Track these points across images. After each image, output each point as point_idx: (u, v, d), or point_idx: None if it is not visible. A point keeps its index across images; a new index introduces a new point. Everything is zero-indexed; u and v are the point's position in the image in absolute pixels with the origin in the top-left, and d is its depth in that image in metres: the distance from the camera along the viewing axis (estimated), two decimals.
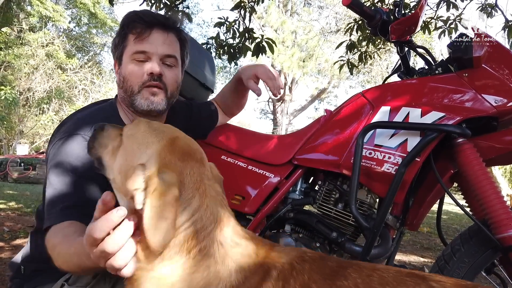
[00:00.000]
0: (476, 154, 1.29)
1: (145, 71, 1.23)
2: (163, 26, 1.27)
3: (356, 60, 4.69)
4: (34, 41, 14.74)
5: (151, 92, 1.25)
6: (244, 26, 3.97)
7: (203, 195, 0.75)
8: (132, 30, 1.24)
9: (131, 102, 1.26)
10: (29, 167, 10.00)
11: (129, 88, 1.25)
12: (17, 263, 1.22)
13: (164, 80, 1.27)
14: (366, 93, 1.50)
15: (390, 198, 1.30)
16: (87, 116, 1.21)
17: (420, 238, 4.81)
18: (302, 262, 0.75)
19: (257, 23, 15.03)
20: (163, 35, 1.26)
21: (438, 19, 4.20)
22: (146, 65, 1.24)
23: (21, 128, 16.04)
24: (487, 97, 1.29)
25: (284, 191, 1.54)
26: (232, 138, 1.71)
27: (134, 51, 1.23)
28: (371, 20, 1.50)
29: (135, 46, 1.23)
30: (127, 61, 1.25)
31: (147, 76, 1.24)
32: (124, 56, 1.26)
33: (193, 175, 0.75)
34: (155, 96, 1.26)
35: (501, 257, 1.32)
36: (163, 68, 1.26)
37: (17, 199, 5.69)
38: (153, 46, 1.24)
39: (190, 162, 0.77)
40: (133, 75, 1.24)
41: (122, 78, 1.27)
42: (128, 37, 1.25)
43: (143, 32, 1.23)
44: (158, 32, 1.25)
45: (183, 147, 0.79)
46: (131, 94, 1.25)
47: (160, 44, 1.25)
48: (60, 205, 1.03)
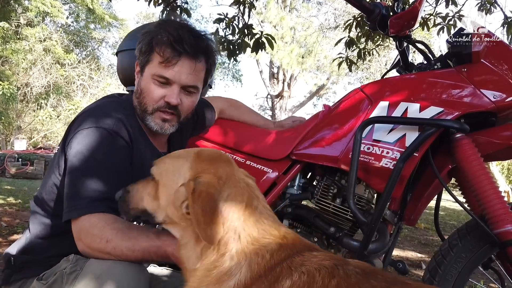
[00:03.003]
0: (474, 149, 1.29)
1: (163, 97, 1.21)
2: (193, 55, 1.20)
3: (355, 56, 4.68)
4: (31, 36, 14.68)
5: (163, 118, 1.24)
6: (243, 22, 3.95)
7: (238, 187, 0.83)
8: (160, 52, 1.18)
9: (142, 116, 1.25)
10: (27, 162, 9.98)
11: (144, 105, 1.24)
12: (9, 254, 1.23)
13: (179, 108, 1.25)
14: (365, 88, 1.50)
15: (388, 193, 1.29)
16: (108, 110, 1.19)
17: (418, 234, 4.83)
18: (329, 275, 0.67)
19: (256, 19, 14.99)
20: (191, 65, 1.20)
21: (437, 16, 4.18)
22: (165, 91, 1.21)
23: (19, 123, 16.00)
24: (485, 92, 1.29)
25: (282, 186, 1.54)
26: (230, 133, 1.70)
27: (156, 74, 1.20)
28: (370, 14, 1.50)
29: (159, 69, 1.19)
30: (148, 77, 1.22)
31: (163, 102, 1.22)
32: (146, 70, 1.22)
33: (225, 173, 0.84)
34: (166, 123, 1.25)
35: (498, 252, 1.32)
36: (181, 95, 1.23)
37: (15, 195, 5.68)
38: (177, 76, 1.19)
39: (220, 163, 0.86)
40: (150, 95, 1.22)
41: (139, 90, 1.25)
42: (153, 54, 1.20)
43: (171, 59, 1.17)
44: (186, 60, 1.19)
45: (209, 154, 0.90)
46: (144, 111, 1.24)
47: (185, 74, 1.20)
48: (87, 197, 1.05)
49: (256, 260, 0.73)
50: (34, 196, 1.27)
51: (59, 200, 1.17)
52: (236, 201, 0.80)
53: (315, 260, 0.71)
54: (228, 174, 0.84)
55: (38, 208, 1.23)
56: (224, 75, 21.21)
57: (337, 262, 0.70)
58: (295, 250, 0.75)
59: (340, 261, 0.71)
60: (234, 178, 0.84)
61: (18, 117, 15.98)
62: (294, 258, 0.72)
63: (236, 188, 0.82)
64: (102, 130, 1.12)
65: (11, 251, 1.24)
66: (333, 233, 1.42)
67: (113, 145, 1.13)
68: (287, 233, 0.80)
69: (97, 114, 1.17)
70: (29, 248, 1.21)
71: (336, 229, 1.42)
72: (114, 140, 1.13)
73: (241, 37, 3.95)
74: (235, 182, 0.83)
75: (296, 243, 0.77)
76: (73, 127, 1.17)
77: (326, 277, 0.66)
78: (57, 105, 16.99)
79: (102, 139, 1.11)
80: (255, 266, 0.72)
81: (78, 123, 1.15)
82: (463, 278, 1.32)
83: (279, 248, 0.74)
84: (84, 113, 1.20)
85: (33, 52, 14.89)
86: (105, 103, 1.26)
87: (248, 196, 0.82)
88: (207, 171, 0.82)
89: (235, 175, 0.85)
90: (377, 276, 0.68)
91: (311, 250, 0.76)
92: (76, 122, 1.17)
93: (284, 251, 0.74)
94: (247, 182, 0.87)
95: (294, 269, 0.69)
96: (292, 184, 1.58)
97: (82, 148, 1.10)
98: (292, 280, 0.67)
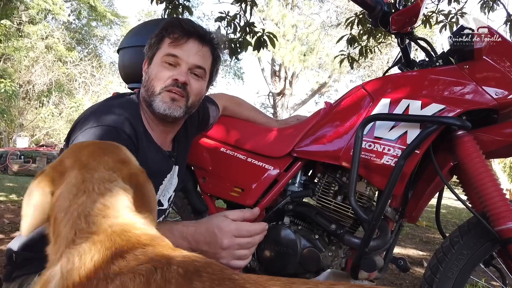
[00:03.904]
0: (476, 146, 1.29)
1: (171, 76, 1.24)
2: (200, 38, 1.27)
3: (357, 54, 4.67)
4: (33, 34, 14.69)
5: (171, 97, 1.24)
6: (245, 20, 3.94)
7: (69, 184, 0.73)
8: (170, 34, 1.25)
9: (150, 102, 1.25)
10: (29, 160, 10.01)
11: (151, 88, 1.25)
12: (11, 250, 1.23)
13: (187, 89, 1.26)
14: (366, 85, 1.49)
15: (389, 190, 1.29)
16: (113, 109, 1.20)
17: (419, 232, 4.82)
18: (144, 285, 0.57)
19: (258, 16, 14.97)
20: (198, 46, 1.27)
21: (439, 13, 4.17)
22: (173, 70, 1.24)
23: (21, 121, 16.03)
24: (487, 90, 1.28)
25: (283, 183, 1.55)
26: (232, 130, 1.70)
27: (166, 53, 1.24)
28: (371, 11, 1.49)
29: (168, 49, 1.25)
30: (157, 62, 1.26)
31: (172, 81, 1.23)
32: (156, 57, 1.27)
33: (76, 164, 0.74)
34: (174, 102, 1.24)
35: (500, 250, 1.32)
36: (189, 77, 1.26)
37: (17, 192, 5.70)
38: (185, 54, 1.24)
39: (82, 153, 0.77)
40: (159, 76, 1.24)
41: (147, 78, 1.27)
42: (164, 40, 1.26)
43: (180, 38, 1.24)
44: (194, 42, 1.26)
45: (87, 143, 0.83)
46: (152, 94, 1.25)
47: (193, 54, 1.26)
48: None
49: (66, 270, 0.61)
50: None
51: None
52: (62, 202, 0.70)
53: (133, 265, 0.59)
54: (79, 165, 0.74)
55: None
56: (226, 72, 21.20)
57: (157, 264, 0.59)
58: (116, 253, 0.61)
59: (161, 262, 0.60)
60: (76, 172, 0.73)
61: (20, 115, 16.02)
62: (114, 264, 0.60)
63: (68, 186, 0.71)
64: (107, 127, 1.12)
65: (13, 247, 1.24)
66: (334, 230, 1.42)
67: (117, 140, 1.14)
68: (115, 231, 0.65)
69: (102, 113, 1.17)
70: (31, 244, 1.22)
71: (337, 226, 1.43)
72: (118, 135, 1.13)
73: (242, 35, 3.94)
74: (73, 177, 0.72)
75: (117, 242, 0.63)
76: (78, 126, 1.17)
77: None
78: (59, 102, 17.02)
79: (106, 136, 1.11)
80: (64, 281, 0.60)
81: (83, 122, 1.16)
82: (465, 275, 1.32)
83: (97, 253, 0.61)
84: (90, 112, 1.20)
85: (35, 50, 14.90)
86: (110, 103, 1.27)
87: (75, 194, 0.70)
88: (59, 164, 0.76)
89: (87, 166, 0.74)
90: (202, 275, 0.59)
91: (142, 246, 0.63)
92: (81, 121, 1.17)
93: (102, 257, 0.61)
94: (86, 177, 0.72)
95: (110, 281, 0.57)
96: (293, 182, 1.58)
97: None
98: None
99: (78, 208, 0.67)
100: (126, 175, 0.76)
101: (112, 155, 0.79)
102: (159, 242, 0.66)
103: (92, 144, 0.82)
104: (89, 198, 0.69)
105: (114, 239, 0.63)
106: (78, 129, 1.14)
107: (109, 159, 0.77)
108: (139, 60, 1.49)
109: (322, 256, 1.44)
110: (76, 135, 1.13)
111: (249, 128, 1.70)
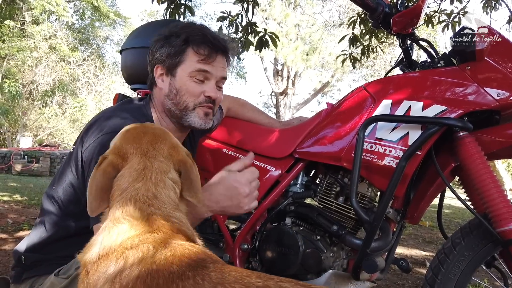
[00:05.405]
0: (478, 147, 1.28)
1: (203, 92, 1.29)
2: (224, 52, 1.33)
3: (359, 54, 4.66)
4: (37, 34, 14.74)
5: (205, 112, 1.31)
6: (247, 20, 3.94)
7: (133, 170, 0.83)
8: (199, 50, 1.27)
9: (181, 116, 1.30)
10: (32, 159, 10.06)
11: (183, 103, 1.29)
12: (20, 252, 1.24)
13: (215, 102, 1.34)
14: (368, 86, 1.49)
15: (390, 191, 1.29)
16: (127, 114, 1.23)
17: (422, 232, 4.81)
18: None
19: (261, 16, 14.97)
20: (223, 60, 1.34)
21: (442, 13, 4.16)
22: (204, 86, 1.29)
23: (24, 121, 16.08)
24: (489, 91, 1.28)
25: (285, 184, 1.55)
26: (234, 131, 1.71)
27: (196, 69, 1.27)
28: (373, 12, 1.49)
29: (198, 64, 1.27)
30: (185, 76, 1.28)
31: (204, 97, 1.30)
32: (180, 70, 1.28)
33: (138, 151, 0.85)
34: (208, 116, 1.32)
35: (502, 251, 1.32)
36: (216, 90, 1.33)
37: (21, 192, 5.73)
38: (214, 69, 1.30)
39: (142, 141, 0.87)
40: (191, 92, 1.28)
41: (175, 91, 1.29)
42: (188, 53, 1.27)
43: (210, 56, 1.28)
44: (221, 57, 1.32)
45: (136, 131, 0.91)
46: (185, 109, 1.29)
47: (220, 68, 1.32)
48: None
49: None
50: (47, 194, 1.26)
51: (76, 201, 1.18)
52: (122, 182, 0.81)
53: (152, 254, 0.70)
54: (140, 152, 0.84)
55: (52, 207, 1.23)
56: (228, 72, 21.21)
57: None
58: (142, 239, 0.72)
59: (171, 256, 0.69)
60: (138, 159, 0.83)
61: (24, 115, 16.07)
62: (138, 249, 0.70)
63: (130, 170, 0.82)
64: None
65: (21, 249, 1.25)
66: (336, 231, 1.42)
67: None
68: (151, 221, 0.76)
69: (116, 118, 1.19)
70: (40, 247, 1.22)
71: (339, 227, 1.43)
72: None
73: (244, 35, 3.94)
74: (135, 163, 0.83)
75: (148, 230, 0.74)
76: (91, 131, 1.18)
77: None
78: (62, 102, 17.06)
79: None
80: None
81: (96, 128, 1.17)
82: (466, 276, 1.32)
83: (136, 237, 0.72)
84: (102, 117, 1.22)
85: (38, 50, 14.94)
86: (124, 108, 1.29)
87: (135, 179, 0.81)
88: (120, 149, 0.85)
89: (148, 154, 0.84)
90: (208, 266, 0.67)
91: (165, 235, 0.74)
92: (95, 126, 1.18)
93: (132, 240, 0.72)
94: (147, 164, 0.83)
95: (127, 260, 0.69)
96: (295, 182, 1.59)
97: (101, 152, 1.11)
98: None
99: (133, 191, 0.78)
100: (176, 161, 0.88)
101: (165, 142, 0.89)
102: (180, 237, 0.75)
103: (148, 132, 0.91)
104: (145, 185, 0.80)
105: (148, 226, 0.74)
106: (92, 134, 1.16)
107: (164, 147, 0.88)
108: (141, 61, 1.50)
109: (323, 257, 1.44)
110: (91, 141, 1.14)
111: (251, 129, 1.70)
